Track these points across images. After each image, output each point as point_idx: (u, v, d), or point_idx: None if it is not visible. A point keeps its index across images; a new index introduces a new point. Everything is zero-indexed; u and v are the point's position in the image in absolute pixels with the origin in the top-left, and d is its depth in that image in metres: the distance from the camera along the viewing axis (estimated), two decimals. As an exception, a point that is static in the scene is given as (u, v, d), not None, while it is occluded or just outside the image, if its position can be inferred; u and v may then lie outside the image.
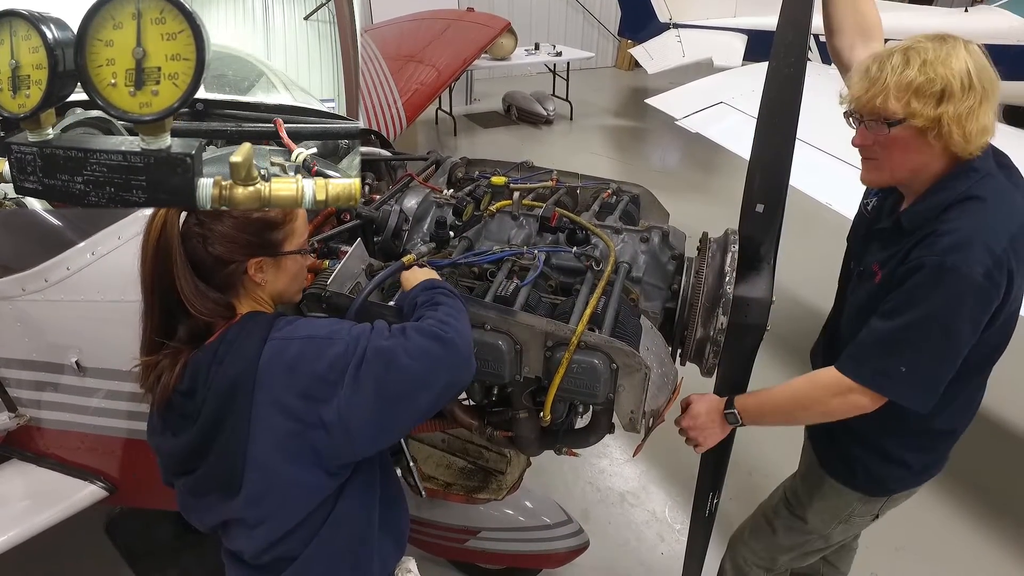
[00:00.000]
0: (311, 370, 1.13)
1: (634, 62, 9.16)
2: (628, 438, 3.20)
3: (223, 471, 1.15)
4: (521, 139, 8.24)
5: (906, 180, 1.49)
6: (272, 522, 1.18)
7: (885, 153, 1.44)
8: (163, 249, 1.14)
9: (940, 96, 1.32)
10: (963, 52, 1.33)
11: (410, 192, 1.81)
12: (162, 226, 1.14)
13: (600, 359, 1.34)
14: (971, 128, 1.34)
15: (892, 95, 1.35)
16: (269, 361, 1.13)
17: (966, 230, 1.35)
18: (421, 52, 5.34)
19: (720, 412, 1.63)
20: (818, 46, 7.18)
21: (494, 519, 2.36)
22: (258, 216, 1.19)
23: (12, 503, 1.77)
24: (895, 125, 1.37)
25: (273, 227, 1.21)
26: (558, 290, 1.60)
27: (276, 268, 1.25)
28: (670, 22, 8.11)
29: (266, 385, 1.13)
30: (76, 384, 1.70)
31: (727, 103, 3.98)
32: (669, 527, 2.93)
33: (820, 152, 3.16)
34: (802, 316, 4.32)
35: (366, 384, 1.12)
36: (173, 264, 1.14)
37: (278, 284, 1.27)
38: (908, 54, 1.35)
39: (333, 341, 1.15)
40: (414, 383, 1.15)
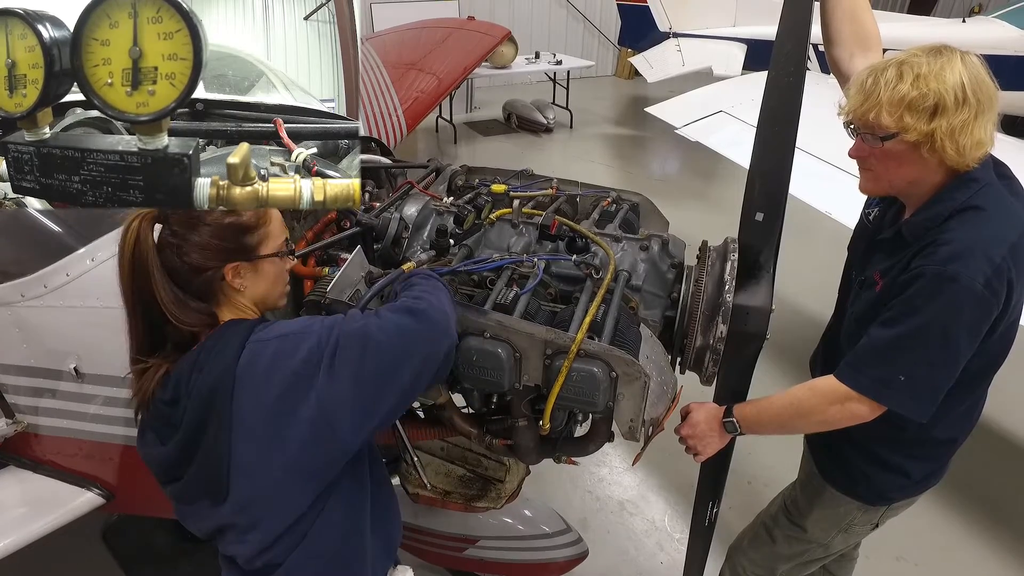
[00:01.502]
0: (287, 367, 1.12)
1: (634, 71, 9.22)
2: (627, 447, 3.19)
3: (209, 477, 1.15)
4: (521, 147, 8.26)
5: (904, 190, 1.50)
6: (263, 526, 1.18)
7: (881, 165, 1.45)
8: (139, 262, 1.15)
9: (933, 111, 1.32)
10: (958, 65, 1.33)
11: (410, 200, 1.81)
12: (135, 240, 1.14)
13: (599, 367, 1.34)
14: (965, 142, 1.34)
15: (885, 110, 1.35)
16: (247, 365, 1.13)
17: (966, 240, 1.36)
18: (422, 60, 5.36)
19: (719, 420, 1.63)
20: (817, 56, 7.22)
21: (493, 528, 2.35)
22: (231, 221, 1.18)
23: (9, 510, 1.76)
24: (889, 139, 1.37)
25: (246, 231, 1.21)
26: (558, 298, 1.60)
27: (254, 272, 1.24)
28: (670, 31, 8.16)
29: (246, 389, 1.12)
30: (74, 391, 1.69)
31: (727, 112, 4.00)
32: (668, 536, 2.92)
33: (820, 161, 3.17)
34: (801, 324, 4.31)
35: (341, 371, 1.12)
36: (151, 276, 1.14)
37: (258, 289, 1.26)
38: (902, 68, 1.34)
39: (306, 335, 1.15)
40: (392, 359, 1.15)
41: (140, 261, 1.14)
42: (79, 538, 2.69)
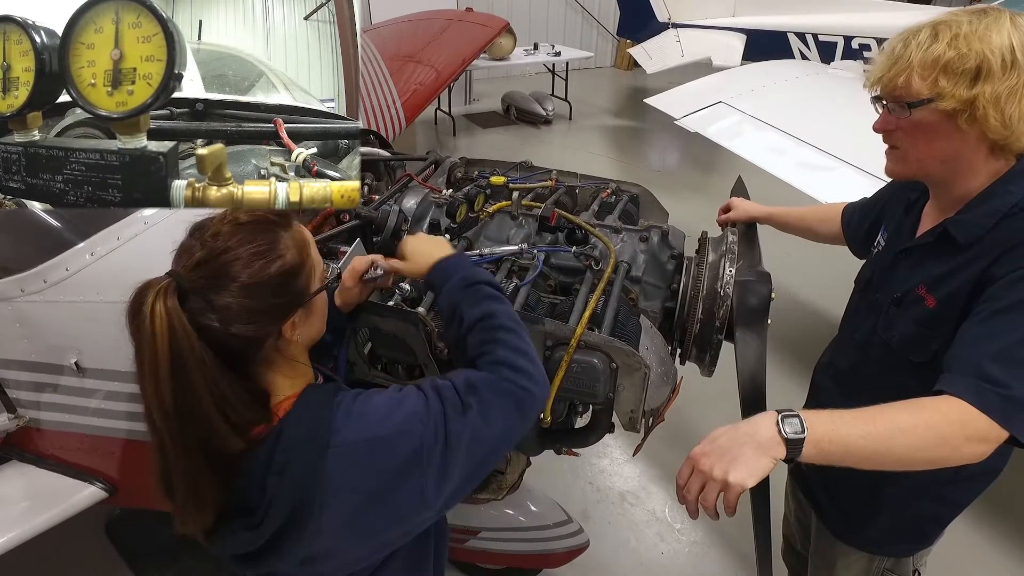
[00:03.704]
0: (386, 469, 0.98)
1: (633, 62, 9.18)
2: (628, 438, 3.20)
3: (279, 568, 1.02)
4: (520, 139, 8.24)
5: (937, 172, 1.28)
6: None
7: (910, 140, 1.25)
8: (180, 356, 0.87)
9: (975, 74, 1.13)
10: (1007, 25, 1.14)
11: (409, 192, 1.81)
12: (169, 327, 0.87)
13: (600, 358, 1.34)
14: (1012, 112, 1.13)
15: (916, 73, 1.17)
16: (337, 474, 0.97)
17: None
18: (420, 52, 5.34)
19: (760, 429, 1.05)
20: (817, 45, 7.21)
21: (494, 519, 2.36)
22: (278, 269, 0.97)
23: (11, 504, 1.77)
24: (918, 106, 1.19)
25: (295, 274, 1.00)
26: (557, 290, 1.60)
27: (307, 316, 1.05)
28: (669, 22, 8.13)
29: (335, 497, 0.97)
30: (75, 385, 1.70)
31: (726, 102, 3.99)
32: (669, 527, 2.93)
33: (820, 152, 3.16)
34: (801, 315, 4.33)
35: (452, 472, 1.01)
36: (201, 373, 0.88)
37: (312, 330, 1.08)
38: (938, 28, 1.17)
39: (403, 435, 0.99)
40: (497, 448, 1.06)
41: (180, 353, 0.87)
42: (82, 532, 2.70)
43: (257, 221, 1.00)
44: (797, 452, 1.02)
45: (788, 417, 1.04)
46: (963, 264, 1.24)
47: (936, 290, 1.27)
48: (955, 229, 1.26)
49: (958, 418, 1.05)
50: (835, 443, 1.03)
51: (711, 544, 2.83)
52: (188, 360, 0.88)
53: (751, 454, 1.02)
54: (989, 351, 1.09)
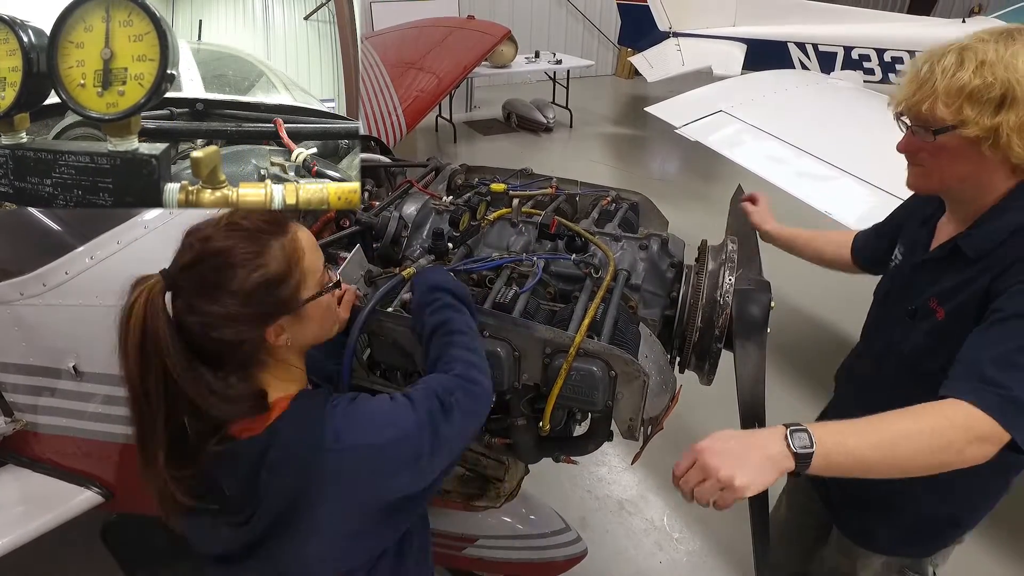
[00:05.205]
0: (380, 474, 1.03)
1: (634, 70, 9.22)
2: (626, 446, 3.19)
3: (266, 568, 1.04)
4: (521, 146, 8.25)
5: (954, 187, 1.31)
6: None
7: (933, 161, 1.27)
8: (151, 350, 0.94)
9: (1000, 102, 1.14)
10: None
11: (409, 199, 1.81)
12: (144, 311, 0.94)
13: (599, 366, 1.34)
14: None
15: (941, 100, 1.18)
16: (332, 474, 0.99)
17: None
18: (421, 59, 5.35)
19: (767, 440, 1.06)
20: (817, 55, 7.24)
21: (492, 527, 2.35)
22: (257, 280, 0.98)
23: (7, 509, 1.76)
24: (943, 132, 1.20)
25: (279, 283, 1.01)
26: (557, 297, 1.60)
27: (299, 321, 1.06)
28: (670, 31, 8.17)
29: (330, 498, 1.00)
30: (73, 389, 1.69)
31: (726, 112, 4.00)
32: (667, 535, 2.92)
33: (819, 161, 3.17)
34: (799, 322, 4.32)
35: (437, 470, 1.08)
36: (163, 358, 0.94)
37: (307, 336, 1.10)
38: (963, 54, 1.17)
39: (399, 441, 1.03)
40: (467, 443, 1.18)
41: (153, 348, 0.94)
42: (78, 537, 2.69)
43: (249, 228, 1.01)
44: (806, 466, 1.04)
45: (796, 431, 1.05)
46: (972, 277, 1.26)
47: (946, 302, 1.30)
48: (965, 244, 1.29)
49: (961, 421, 1.07)
50: (842, 455, 1.05)
51: (709, 553, 2.82)
52: (154, 343, 0.94)
53: (760, 463, 1.03)
54: (989, 356, 1.11)
